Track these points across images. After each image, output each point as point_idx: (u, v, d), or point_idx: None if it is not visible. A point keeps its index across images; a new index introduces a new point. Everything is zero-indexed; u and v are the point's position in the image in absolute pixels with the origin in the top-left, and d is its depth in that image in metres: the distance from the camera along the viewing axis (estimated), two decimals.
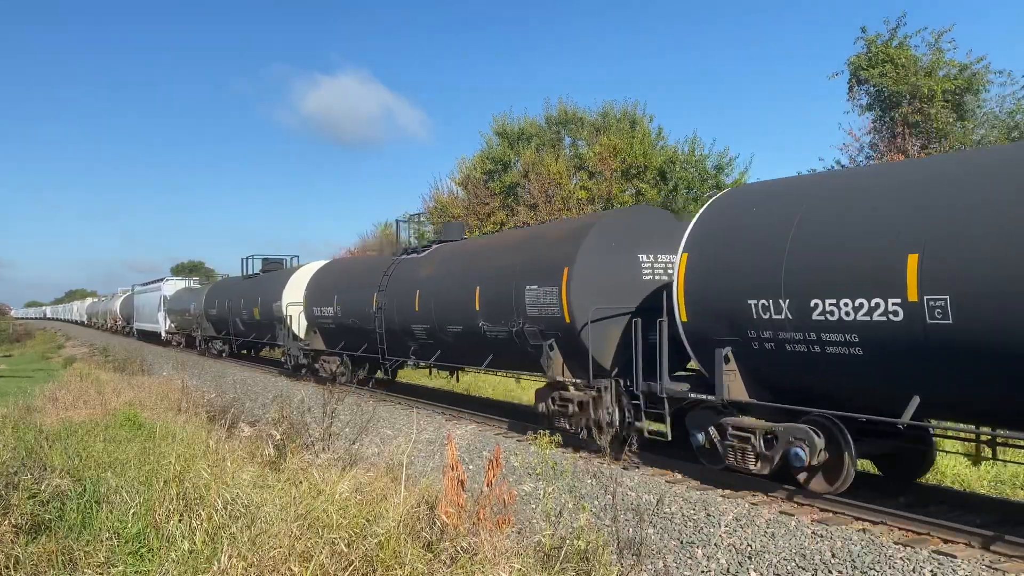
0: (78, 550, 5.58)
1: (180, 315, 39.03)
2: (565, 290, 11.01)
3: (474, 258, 14.19)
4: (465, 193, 35.21)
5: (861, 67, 21.56)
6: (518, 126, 35.44)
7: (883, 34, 21.43)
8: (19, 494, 6.42)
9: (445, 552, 5.42)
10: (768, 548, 6.97)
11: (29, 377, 24.53)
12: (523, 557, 5.55)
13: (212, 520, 5.93)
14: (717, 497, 8.65)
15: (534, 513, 7.98)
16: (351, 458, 9.09)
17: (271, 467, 8.30)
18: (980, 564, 6.32)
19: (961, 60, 20.58)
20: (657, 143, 31.21)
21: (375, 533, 5.49)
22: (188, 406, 13.39)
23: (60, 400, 14.00)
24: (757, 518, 7.78)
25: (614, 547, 6.05)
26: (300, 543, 5.28)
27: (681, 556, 7.03)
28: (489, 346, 13.23)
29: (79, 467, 7.86)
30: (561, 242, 11.72)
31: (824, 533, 7.20)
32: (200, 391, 15.74)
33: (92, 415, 12.41)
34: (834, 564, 6.52)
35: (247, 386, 20.86)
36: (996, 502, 8.55)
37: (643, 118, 33.00)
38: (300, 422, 10.19)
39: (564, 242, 11.64)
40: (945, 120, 20.19)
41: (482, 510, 5.72)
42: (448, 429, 13.21)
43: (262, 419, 12.31)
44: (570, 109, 35.50)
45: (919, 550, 6.65)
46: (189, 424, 11.08)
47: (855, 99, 22.46)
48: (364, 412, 11.24)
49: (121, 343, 42.77)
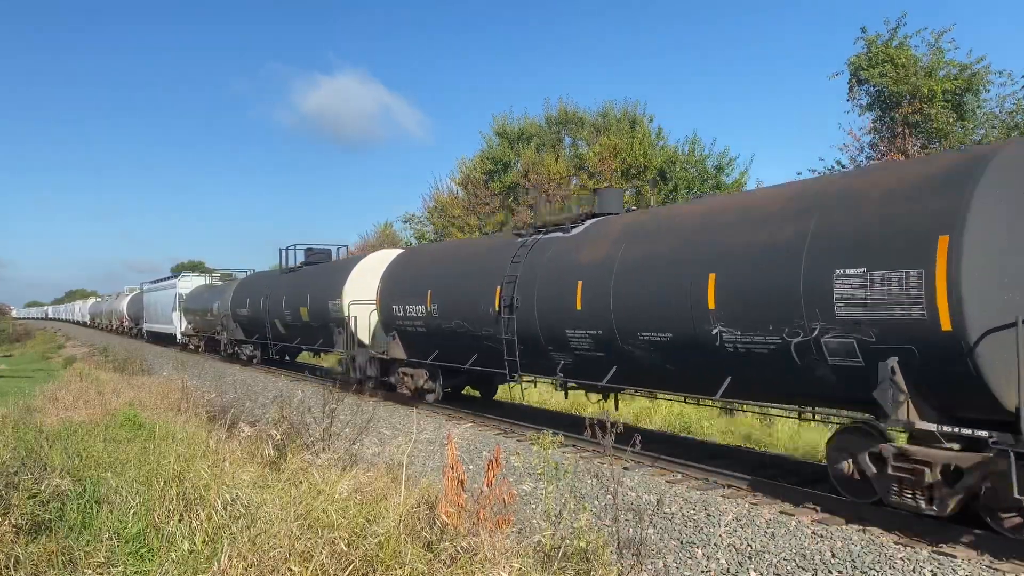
0: (78, 550, 5.57)
1: (200, 315, 34.85)
2: (944, 275, 6.66)
3: (698, 232, 9.62)
4: (465, 193, 35.23)
5: (861, 67, 21.55)
6: (518, 126, 35.52)
7: (883, 34, 21.43)
8: (19, 494, 6.42)
9: (445, 552, 5.42)
10: (768, 548, 6.97)
11: (29, 377, 24.54)
12: (523, 557, 5.55)
13: (212, 520, 5.93)
14: (717, 497, 8.65)
15: (534, 513, 7.98)
16: (351, 458, 9.08)
17: (271, 467, 8.30)
18: (980, 564, 6.32)
19: (961, 60, 20.60)
20: (657, 143, 31.23)
21: (375, 533, 5.49)
22: (188, 406, 13.38)
23: (60, 400, 14.00)
24: (757, 518, 7.78)
25: (614, 547, 6.04)
26: (300, 543, 5.28)
27: (681, 556, 7.03)
28: (729, 365, 8.93)
29: (79, 467, 7.85)
30: (920, 192, 7.19)
31: (824, 533, 7.21)
32: (200, 391, 15.74)
33: (92, 415, 12.39)
34: (834, 564, 6.52)
35: (247, 386, 20.85)
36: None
37: (643, 118, 33.09)
38: (300, 422, 10.18)
39: (927, 193, 7.11)
40: (945, 120, 20.19)
41: (482, 510, 5.72)
42: (448, 429, 13.21)
43: (262, 419, 12.30)
44: (570, 109, 35.60)
45: (919, 550, 6.65)
46: (189, 424, 11.08)
47: (855, 99, 22.47)
48: (364, 412, 11.23)
49: (130, 345, 42.24)
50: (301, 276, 23.85)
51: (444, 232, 33.86)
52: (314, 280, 22.18)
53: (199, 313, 35.07)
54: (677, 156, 29.59)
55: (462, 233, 32.07)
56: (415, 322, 15.65)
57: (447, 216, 34.44)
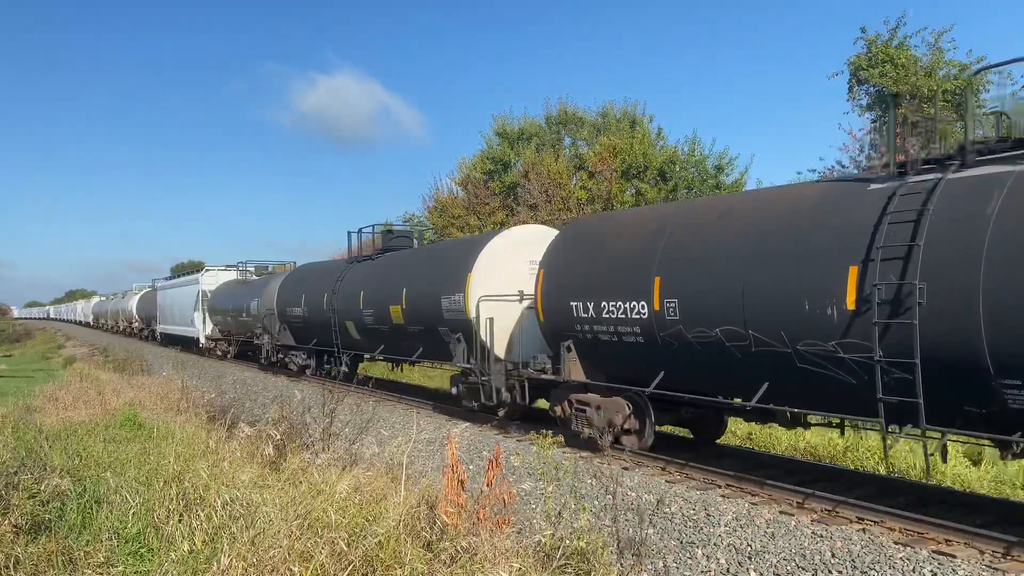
0: (78, 550, 5.58)
1: (232, 316, 29.35)
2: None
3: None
4: (465, 193, 35.23)
5: (861, 67, 21.57)
6: (518, 126, 35.53)
7: (883, 34, 21.46)
8: (19, 494, 6.42)
9: (445, 552, 5.42)
10: (768, 548, 6.97)
11: (29, 377, 24.57)
12: (523, 557, 5.55)
13: (212, 520, 5.94)
14: (717, 497, 8.65)
15: (534, 513, 7.99)
16: (351, 458, 9.08)
17: (271, 467, 8.30)
18: (980, 564, 6.32)
19: (961, 60, 20.62)
20: (657, 143, 31.23)
21: (375, 533, 5.49)
22: (188, 406, 13.38)
23: (60, 400, 14.02)
24: (757, 518, 7.78)
25: (614, 547, 6.04)
26: (300, 543, 5.28)
27: (681, 556, 7.03)
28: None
29: (79, 467, 7.86)
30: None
31: (824, 533, 7.21)
32: (200, 391, 15.73)
33: (92, 415, 12.41)
34: (834, 564, 6.52)
35: (247, 386, 20.82)
36: (996, 502, 8.56)
37: (643, 118, 33.08)
38: (300, 422, 10.18)
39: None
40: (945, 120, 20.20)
41: (482, 510, 5.73)
42: (448, 429, 13.20)
43: (262, 419, 12.30)
44: (570, 109, 35.60)
45: (919, 550, 6.65)
46: (189, 424, 11.08)
47: (855, 99, 22.48)
48: (364, 412, 11.23)
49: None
50: (386, 266, 18.27)
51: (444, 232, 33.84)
52: (412, 270, 16.68)
53: (230, 313, 29.55)
54: (677, 156, 29.58)
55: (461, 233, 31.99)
56: (621, 328, 10.20)
57: (447, 216, 34.44)
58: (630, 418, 10.53)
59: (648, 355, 9.99)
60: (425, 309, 15.31)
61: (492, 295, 13.41)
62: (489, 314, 13.34)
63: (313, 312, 21.31)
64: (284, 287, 24.16)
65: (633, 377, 10.40)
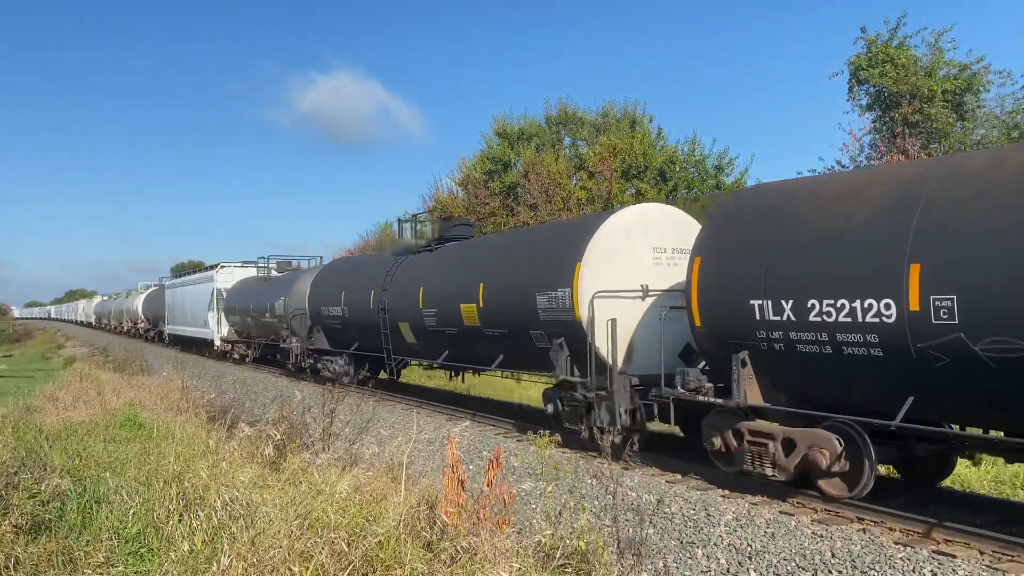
0: (78, 550, 5.58)
1: (252, 316, 26.88)
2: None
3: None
4: (465, 193, 35.25)
5: (861, 67, 21.58)
6: (518, 126, 35.54)
7: (883, 34, 21.47)
8: (19, 494, 6.43)
9: (445, 552, 5.43)
10: (768, 548, 6.97)
11: (29, 377, 24.56)
12: (523, 557, 5.55)
13: (212, 520, 5.94)
14: (717, 497, 8.65)
15: (534, 513, 7.99)
16: (351, 458, 9.08)
17: (271, 467, 8.30)
18: (980, 564, 6.32)
19: (961, 60, 20.63)
20: (657, 143, 31.25)
21: (375, 533, 5.49)
22: (188, 406, 13.38)
23: (60, 400, 14.02)
24: (757, 518, 7.78)
25: (614, 547, 6.04)
26: (300, 543, 5.28)
27: (681, 556, 7.03)
28: None
29: (79, 467, 7.87)
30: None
31: (824, 533, 7.20)
32: (200, 391, 15.74)
33: (92, 415, 12.41)
34: (834, 564, 6.52)
35: (247, 386, 20.83)
36: (996, 502, 8.56)
37: (643, 118, 33.13)
38: (300, 422, 10.19)
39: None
40: (945, 120, 20.22)
41: (482, 510, 5.73)
42: (448, 429, 13.20)
43: (262, 419, 12.30)
44: (570, 109, 35.63)
45: (919, 550, 6.65)
46: (189, 424, 11.08)
47: (855, 99, 22.50)
48: (364, 412, 11.23)
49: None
50: (452, 257, 15.58)
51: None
52: (491, 260, 14.01)
53: (250, 314, 27.08)
54: (677, 156, 29.60)
55: None
56: (842, 335, 7.47)
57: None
58: (840, 458, 7.78)
59: (889, 374, 7.23)
60: (512, 308, 12.56)
61: (610, 290, 10.64)
62: (609, 314, 10.57)
63: (356, 312, 18.61)
64: (318, 284, 21.29)
65: (847, 402, 7.79)
